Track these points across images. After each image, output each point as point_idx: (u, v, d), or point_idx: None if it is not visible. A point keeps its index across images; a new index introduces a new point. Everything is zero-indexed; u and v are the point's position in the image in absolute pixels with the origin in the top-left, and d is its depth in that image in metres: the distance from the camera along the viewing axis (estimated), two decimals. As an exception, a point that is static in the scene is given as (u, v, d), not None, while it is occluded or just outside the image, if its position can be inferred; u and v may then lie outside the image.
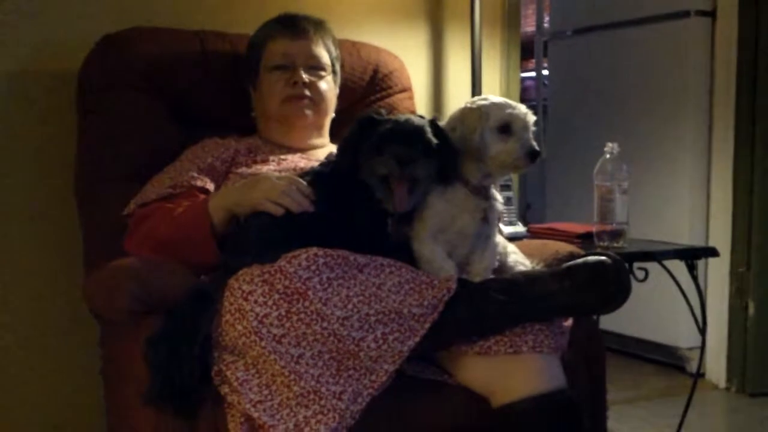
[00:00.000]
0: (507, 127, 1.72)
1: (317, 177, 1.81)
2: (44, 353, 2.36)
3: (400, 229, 1.75)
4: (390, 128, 1.70)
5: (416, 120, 1.73)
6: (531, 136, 1.74)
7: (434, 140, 1.70)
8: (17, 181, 2.31)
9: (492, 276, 1.76)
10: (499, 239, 1.87)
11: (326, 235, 1.67)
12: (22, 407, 2.35)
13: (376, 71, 2.49)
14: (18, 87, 2.30)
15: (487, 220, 1.77)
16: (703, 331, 2.52)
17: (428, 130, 1.71)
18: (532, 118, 1.75)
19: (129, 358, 1.62)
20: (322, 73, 2.18)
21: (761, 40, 3.26)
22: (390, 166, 1.66)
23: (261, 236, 1.72)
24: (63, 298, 2.32)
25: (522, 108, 1.76)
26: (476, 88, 2.82)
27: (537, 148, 1.72)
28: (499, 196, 1.83)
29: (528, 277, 1.67)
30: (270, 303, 1.52)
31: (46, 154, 2.33)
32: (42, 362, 2.36)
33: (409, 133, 1.69)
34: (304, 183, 1.78)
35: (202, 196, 1.94)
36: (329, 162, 1.87)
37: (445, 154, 1.72)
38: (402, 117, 1.74)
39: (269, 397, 1.48)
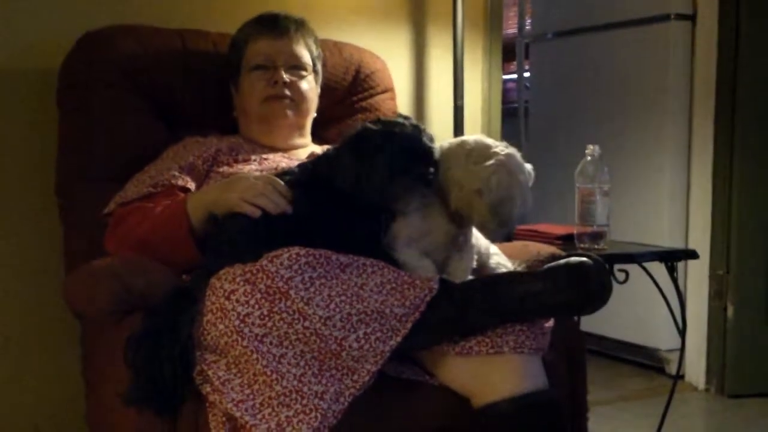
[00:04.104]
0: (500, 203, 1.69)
1: (297, 179, 1.79)
2: (25, 352, 2.34)
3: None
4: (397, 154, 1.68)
5: (423, 145, 1.71)
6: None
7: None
8: (-1, 180, 2.30)
9: (473, 277, 1.76)
10: (482, 240, 1.87)
11: (305, 235, 1.65)
12: (2, 407, 2.33)
13: (358, 71, 2.49)
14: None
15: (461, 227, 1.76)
16: (682, 333, 2.52)
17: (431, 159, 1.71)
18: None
19: (110, 358, 1.61)
20: (303, 73, 2.18)
21: (741, 43, 3.28)
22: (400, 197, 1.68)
23: (235, 238, 1.70)
24: (44, 297, 2.30)
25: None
26: (458, 90, 2.82)
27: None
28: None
29: (509, 277, 1.68)
30: (252, 302, 1.52)
31: (27, 153, 2.31)
32: (22, 361, 2.34)
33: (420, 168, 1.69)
34: (282, 183, 1.76)
35: (183, 195, 1.93)
36: (309, 164, 1.84)
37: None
38: (405, 135, 1.70)
39: (251, 396, 1.47)
